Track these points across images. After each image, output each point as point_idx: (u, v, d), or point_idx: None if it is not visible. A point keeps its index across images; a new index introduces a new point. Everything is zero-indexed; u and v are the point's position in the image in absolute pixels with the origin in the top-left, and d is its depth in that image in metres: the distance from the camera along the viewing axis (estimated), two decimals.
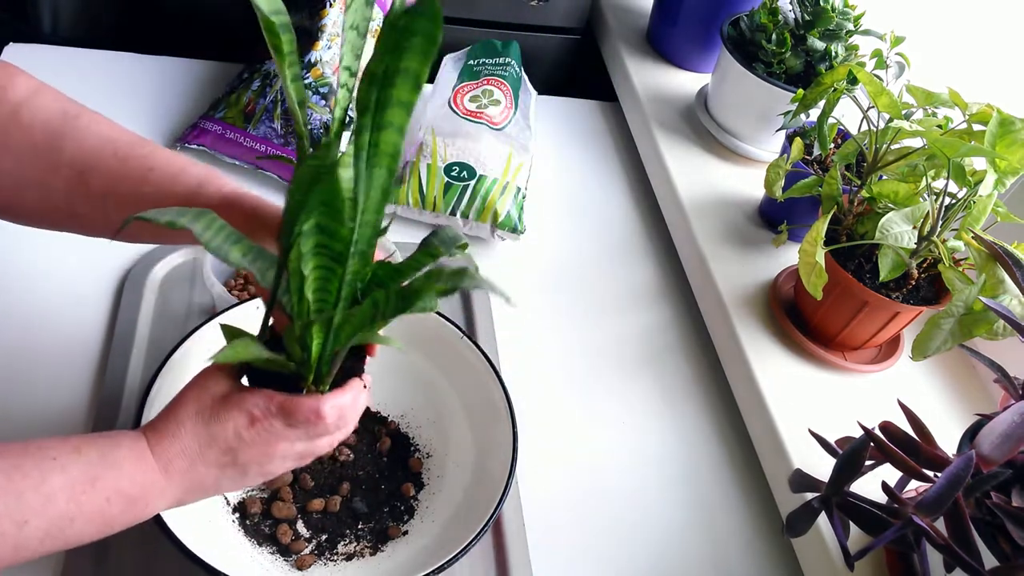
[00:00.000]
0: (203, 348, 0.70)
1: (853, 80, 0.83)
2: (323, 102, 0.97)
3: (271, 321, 0.55)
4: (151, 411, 0.64)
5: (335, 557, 0.67)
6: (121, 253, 0.86)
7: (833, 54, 1.00)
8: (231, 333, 0.53)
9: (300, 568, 0.66)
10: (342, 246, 0.49)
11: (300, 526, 0.69)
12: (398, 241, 0.91)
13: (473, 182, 0.97)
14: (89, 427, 0.73)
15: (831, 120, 0.87)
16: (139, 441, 0.52)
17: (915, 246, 0.77)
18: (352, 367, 0.57)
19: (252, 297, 0.75)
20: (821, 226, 0.76)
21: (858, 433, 0.60)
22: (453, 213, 0.96)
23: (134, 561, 0.65)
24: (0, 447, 0.48)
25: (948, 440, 0.64)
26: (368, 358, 0.59)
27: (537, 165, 1.10)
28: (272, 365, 0.53)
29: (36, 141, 0.60)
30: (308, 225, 0.48)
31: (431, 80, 1.11)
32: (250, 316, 0.73)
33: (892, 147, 0.81)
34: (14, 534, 0.46)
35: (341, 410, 0.56)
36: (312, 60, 0.97)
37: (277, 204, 0.57)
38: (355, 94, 0.46)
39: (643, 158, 1.15)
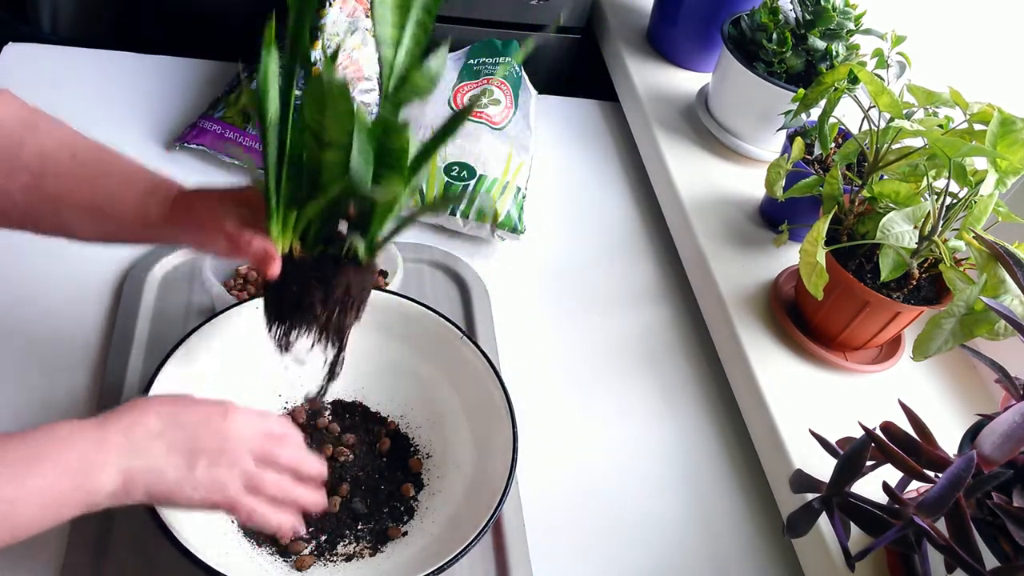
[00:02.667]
0: (202, 346, 0.70)
1: (854, 79, 0.83)
2: None
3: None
4: None
5: (334, 558, 0.67)
6: (121, 253, 0.86)
7: (834, 53, 1.00)
8: None
9: (299, 569, 0.66)
10: None
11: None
12: (397, 241, 0.90)
13: (473, 182, 0.97)
14: None
15: (832, 120, 0.86)
16: (82, 421, 0.53)
17: (916, 246, 0.76)
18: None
19: (252, 297, 0.75)
20: (822, 226, 0.76)
21: (859, 433, 0.60)
22: (453, 213, 0.96)
23: (134, 562, 0.65)
24: None
25: (949, 440, 0.64)
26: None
27: (537, 165, 1.10)
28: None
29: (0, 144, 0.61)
30: None
31: None
32: (250, 316, 0.73)
33: (893, 147, 0.81)
34: None
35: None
36: (312, 60, 0.96)
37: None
38: None
39: (643, 158, 1.15)
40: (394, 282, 0.81)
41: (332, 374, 0.66)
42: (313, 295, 0.60)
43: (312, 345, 0.63)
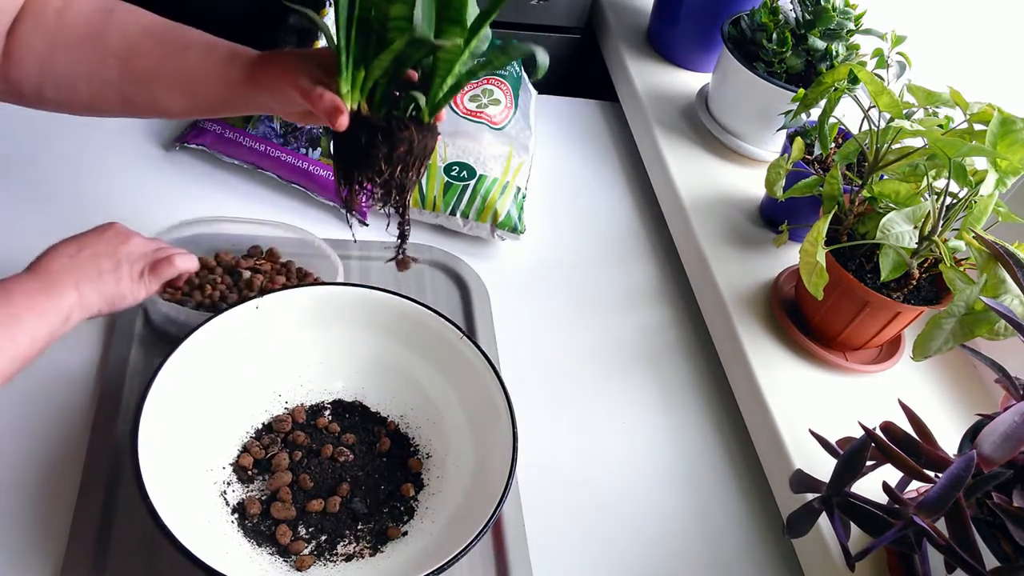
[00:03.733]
0: (203, 345, 0.70)
1: (854, 79, 0.83)
2: None
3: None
4: (152, 406, 0.64)
5: (334, 558, 0.67)
6: None
7: (834, 53, 1.00)
8: None
9: (299, 569, 0.66)
10: None
11: (299, 527, 0.69)
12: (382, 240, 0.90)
13: (473, 182, 0.97)
14: (90, 421, 0.73)
15: (832, 120, 0.86)
16: (17, 276, 0.66)
17: (916, 246, 0.76)
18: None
19: (185, 296, 0.80)
20: (822, 226, 0.76)
21: (859, 433, 0.60)
22: (453, 213, 0.96)
23: (134, 562, 0.65)
24: None
25: (949, 440, 0.64)
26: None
27: (537, 165, 1.10)
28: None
29: (82, 36, 0.69)
30: None
31: None
32: (250, 317, 0.73)
33: (893, 147, 0.81)
34: None
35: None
36: None
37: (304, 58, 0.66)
38: None
39: (643, 158, 1.15)
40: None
41: (403, 235, 0.71)
42: (378, 150, 0.63)
43: (375, 202, 0.67)
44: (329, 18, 0.98)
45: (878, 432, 0.60)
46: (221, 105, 0.72)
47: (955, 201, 0.76)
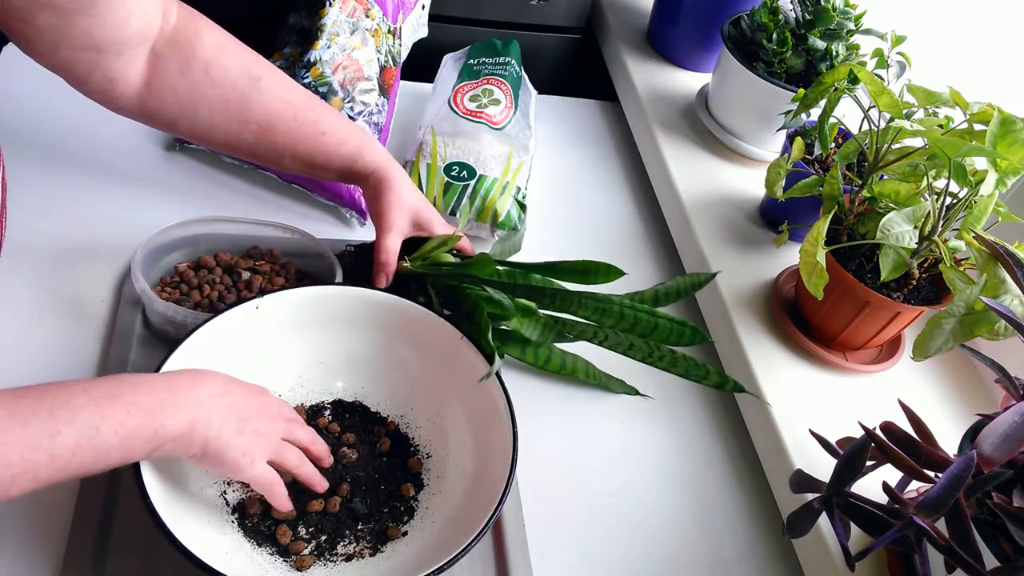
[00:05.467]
0: (202, 347, 0.70)
1: (854, 79, 0.83)
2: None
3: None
4: None
5: (335, 558, 0.67)
6: (122, 252, 0.86)
7: (834, 53, 1.00)
8: None
9: (300, 569, 0.66)
10: None
11: (299, 527, 0.68)
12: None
13: (473, 182, 0.97)
14: None
15: (832, 120, 0.86)
16: (153, 375, 0.61)
17: (916, 246, 0.76)
18: None
19: (177, 301, 0.79)
20: (822, 226, 0.76)
21: (859, 433, 0.60)
22: (453, 213, 0.96)
23: (134, 562, 0.65)
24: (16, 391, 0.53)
25: (949, 440, 0.64)
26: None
27: (537, 165, 1.10)
28: None
29: (228, 98, 0.74)
30: None
31: (431, 80, 1.11)
32: (249, 317, 0.73)
33: (893, 147, 0.81)
34: (49, 445, 0.51)
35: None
36: (311, 60, 0.96)
37: (407, 186, 0.81)
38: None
39: (643, 158, 1.15)
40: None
41: None
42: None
43: None
44: (329, 18, 0.98)
45: (878, 432, 0.60)
46: (330, 181, 0.86)
47: (955, 201, 0.76)
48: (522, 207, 0.97)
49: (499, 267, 0.84)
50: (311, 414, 0.76)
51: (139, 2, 0.67)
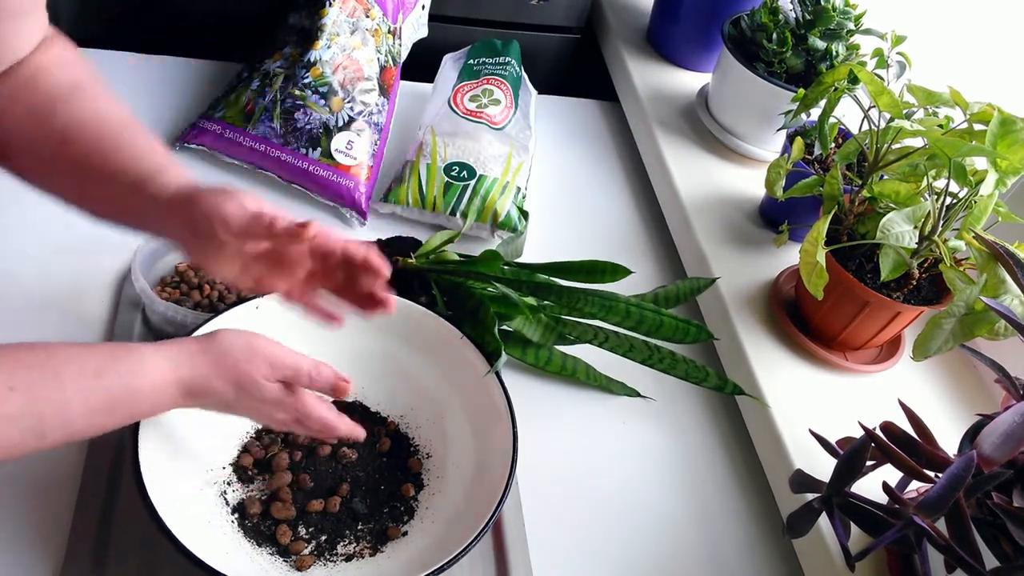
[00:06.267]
0: None
1: (854, 79, 0.83)
2: (323, 102, 0.96)
3: None
4: None
5: (335, 558, 0.67)
6: (122, 252, 0.86)
7: (834, 53, 1.00)
8: None
9: (300, 569, 0.66)
10: None
11: (299, 527, 0.68)
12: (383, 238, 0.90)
13: (473, 182, 0.97)
14: None
15: (832, 119, 0.86)
16: (161, 380, 0.58)
17: (916, 246, 0.76)
18: None
19: (177, 301, 0.78)
20: (822, 226, 0.76)
21: (859, 433, 0.60)
22: (453, 213, 0.96)
23: (134, 562, 0.65)
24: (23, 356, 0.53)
25: (949, 440, 0.64)
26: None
27: (537, 165, 1.10)
28: None
29: (36, 103, 0.64)
30: None
31: (431, 80, 1.11)
32: (249, 317, 0.73)
33: (893, 147, 0.81)
34: (33, 445, 0.53)
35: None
36: (311, 60, 0.96)
37: (221, 200, 0.60)
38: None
39: (643, 158, 1.15)
40: None
41: None
42: None
43: None
44: (329, 18, 0.98)
45: (878, 432, 0.60)
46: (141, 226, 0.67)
47: (955, 201, 0.76)
48: (524, 213, 0.97)
49: (504, 266, 0.84)
50: None
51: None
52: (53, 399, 0.53)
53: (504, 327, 0.83)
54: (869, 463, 0.60)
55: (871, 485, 0.62)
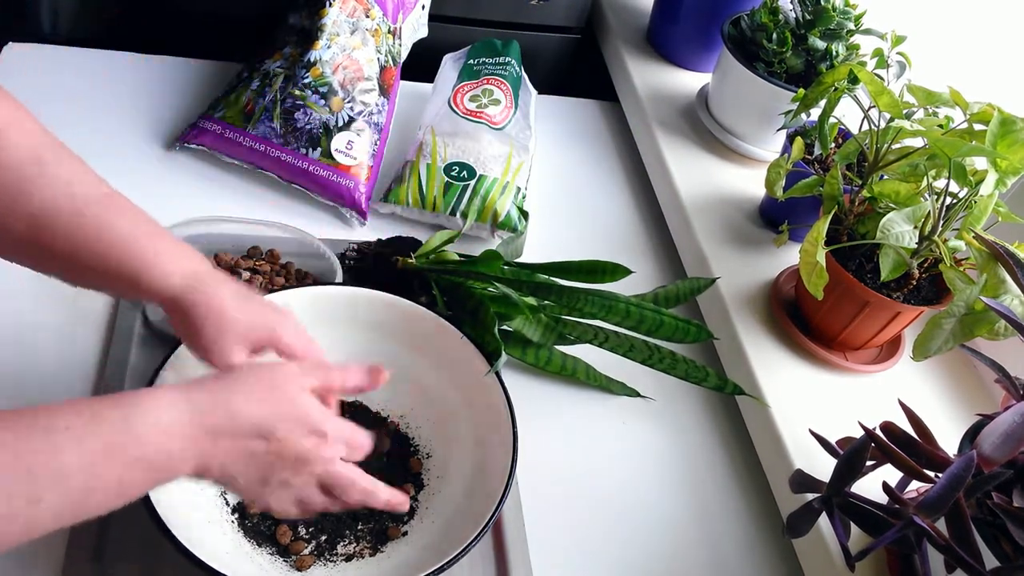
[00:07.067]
0: None
1: (854, 79, 0.83)
2: (323, 102, 0.96)
3: None
4: None
5: (335, 558, 0.67)
6: None
7: (834, 53, 1.00)
8: None
9: (300, 569, 0.66)
10: None
11: (299, 527, 0.68)
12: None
13: (473, 182, 0.97)
14: None
15: (832, 119, 0.86)
16: (169, 410, 0.49)
17: (916, 246, 0.76)
18: None
19: None
20: (822, 226, 0.76)
21: (859, 433, 0.60)
22: (453, 213, 0.96)
23: (134, 561, 0.65)
24: (2, 417, 0.44)
25: (949, 440, 0.64)
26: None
27: (537, 165, 1.10)
28: None
29: (4, 182, 0.56)
30: None
31: (431, 80, 1.11)
32: None
33: (893, 147, 0.81)
34: (27, 513, 0.43)
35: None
36: (311, 60, 0.96)
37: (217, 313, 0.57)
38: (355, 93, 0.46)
39: (643, 158, 1.15)
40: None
41: None
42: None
43: None
44: (329, 18, 0.98)
45: (878, 432, 0.60)
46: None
47: (955, 201, 0.76)
48: (524, 213, 0.97)
49: (504, 266, 0.84)
50: None
51: None
52: (41, 450, 0.44)
53: (504, 327, 0.83)
54: (869, 463, 0.60)
55: (871, 485, 0.62)
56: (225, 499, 0.68)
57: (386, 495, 0.60)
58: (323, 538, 0.68)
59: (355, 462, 0.60)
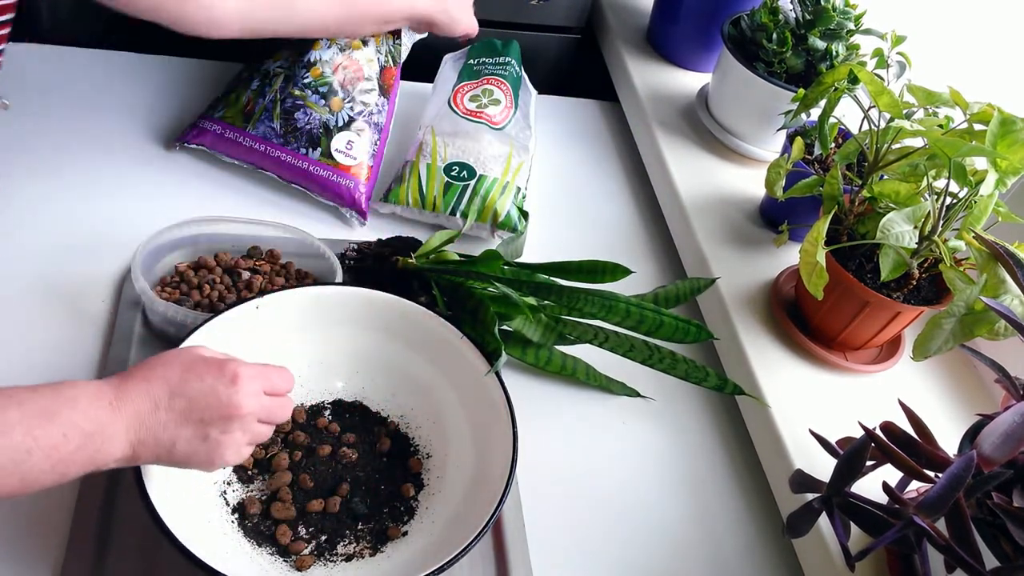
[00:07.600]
0: (203, 338, 0.69)
1: (854, 79, 0.83)
2: (323, 102, 0.96)
3: None
4: None
5: (335, 558, 0.67)
6: (122, 252, 0.86)
7: (834, 53, 1.00)
8: None
9: (300, 569, 0.66)
10: None
11: (299, 527, 0.68)
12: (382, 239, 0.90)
13: (473, 182, 0.97)
14: None
15: (832, 119, 0.86)
16: (100, 384, 0.55)
17: (916, 246, 0.76)
18: None
19: (177, 301, 0.79)
20: (822, 226, 0.76)
21: (859, 433, 0.60)
22: (453, 213, 0.96)
23: (134, 562, 0.65)
24: None
25: (949, 440, 0.64)
26: None
27: (537, 165, 1.10)
28: None
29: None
30: None
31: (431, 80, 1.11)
32: (249, 317, 0.73)
33: (893, 147, 0.81)
34: None
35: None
36: (311, 59, 0.96)
37: None
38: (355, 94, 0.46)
39: (643, 158, 1.15)
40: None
41: None
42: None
43: None
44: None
45: (878, 432, 0.60)
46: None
47: (955, 201, 0.76)
48: (524, 213, 0.97)
49: (504, 266, 0.84)
50: (311, 414, 0.76)
51: None
52: None
53: (504, 327, 0.83)
54: (869, 463, 0.60)
55: (871, 485, 0.62)
56: (225, 499, 0.68)
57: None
58: (323, 538, 0.68)
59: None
